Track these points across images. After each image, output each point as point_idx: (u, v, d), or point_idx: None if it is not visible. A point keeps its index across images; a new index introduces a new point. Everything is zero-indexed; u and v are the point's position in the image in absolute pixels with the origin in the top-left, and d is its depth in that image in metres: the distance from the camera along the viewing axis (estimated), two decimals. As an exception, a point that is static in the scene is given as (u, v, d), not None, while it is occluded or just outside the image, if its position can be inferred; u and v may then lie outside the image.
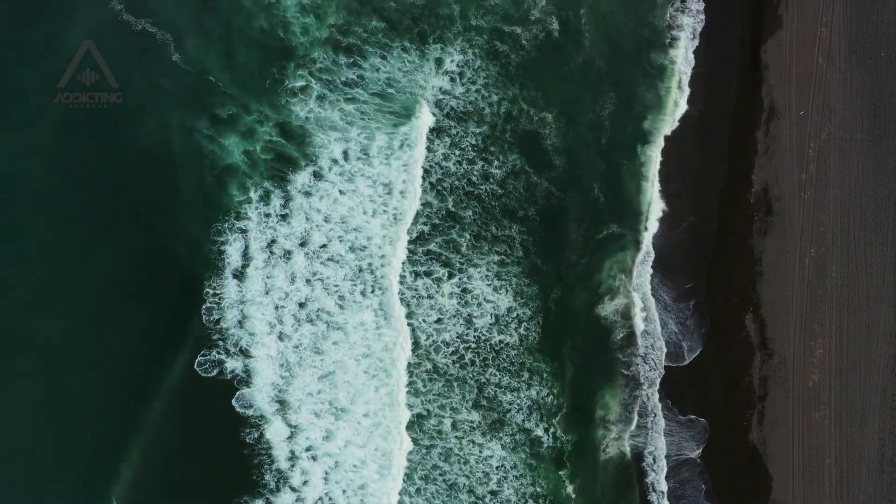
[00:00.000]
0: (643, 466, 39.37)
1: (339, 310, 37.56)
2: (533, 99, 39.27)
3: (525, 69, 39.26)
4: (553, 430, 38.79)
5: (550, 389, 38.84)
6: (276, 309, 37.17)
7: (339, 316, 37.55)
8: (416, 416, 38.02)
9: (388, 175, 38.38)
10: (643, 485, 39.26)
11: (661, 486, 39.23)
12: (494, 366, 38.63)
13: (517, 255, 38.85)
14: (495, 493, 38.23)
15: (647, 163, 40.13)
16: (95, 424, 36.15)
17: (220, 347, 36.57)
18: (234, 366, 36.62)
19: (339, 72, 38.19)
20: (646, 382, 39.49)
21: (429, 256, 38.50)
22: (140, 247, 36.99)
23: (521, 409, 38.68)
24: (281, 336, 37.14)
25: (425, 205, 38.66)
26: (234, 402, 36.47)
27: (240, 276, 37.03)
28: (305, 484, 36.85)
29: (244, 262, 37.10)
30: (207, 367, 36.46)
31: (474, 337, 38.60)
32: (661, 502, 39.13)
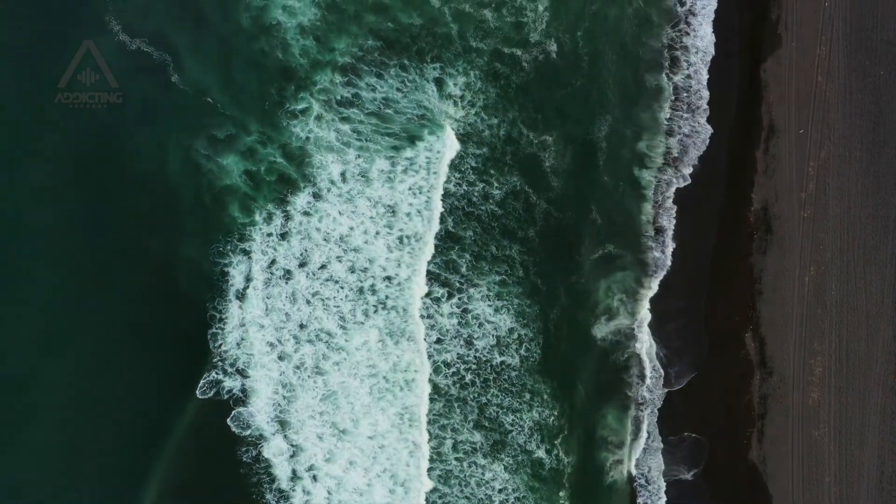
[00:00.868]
0: (641, 486, 39.52)
1: (342, 331, 37.73)
2: (532, 121, 39.24)
3: (524, 91, 39.16)
4: (555, 452, 38.92)
5: (552, 410, 38.94)
6: (276, 330, 37.30)
7: (340, 338, 37.71)
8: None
9: (400, 198, 38.37)
10: (643, 504, 39.50)
11: (661, 506, 39.51)
12: (496, 386, 38.71)
13: (518, 276, 38.85)
14: None
15: (645, 183, 40.12)
16: (99, 459, 36.68)
17: (219, 368, 36.75)
18: (232, 385, 36.78)
19: (361, 96, 38.06)
20: (646, 402, 39.63)
21: (428, 276, 38.51)
22: (139, 252, 36.98)
23: (523, 430, 38.79)
24: (281, 356, 37.23)
25: (425, 226, 38.71)
26: (229, 422, 36.66)
27: (241, 296, 37.15)
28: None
29: (245, 284, 37.20)
30: (206, 388, 36.62)
31: (475, 357, 38.66)
32: (662, 521, 39.39)
